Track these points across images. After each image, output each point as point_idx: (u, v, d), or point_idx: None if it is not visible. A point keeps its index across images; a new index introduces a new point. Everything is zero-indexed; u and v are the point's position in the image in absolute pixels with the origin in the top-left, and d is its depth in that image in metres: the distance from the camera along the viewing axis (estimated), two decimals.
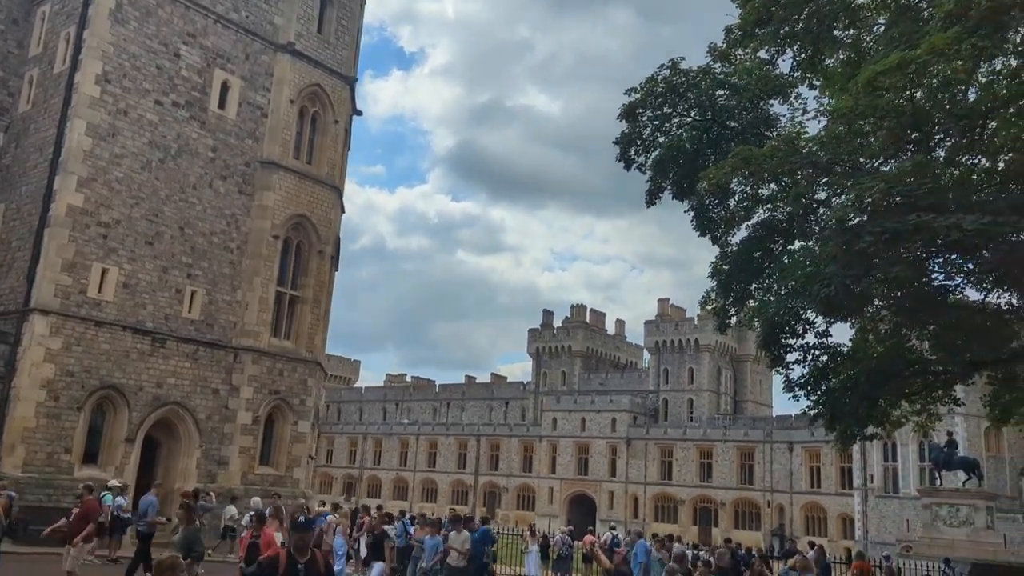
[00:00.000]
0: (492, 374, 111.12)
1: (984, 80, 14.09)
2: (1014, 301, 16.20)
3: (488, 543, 19.72)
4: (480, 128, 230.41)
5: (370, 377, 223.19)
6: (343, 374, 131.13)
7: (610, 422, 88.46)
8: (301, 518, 9.16)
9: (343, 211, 32.97)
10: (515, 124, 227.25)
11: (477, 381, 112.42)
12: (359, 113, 33.35)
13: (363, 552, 19.65)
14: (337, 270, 33.05)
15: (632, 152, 16.42)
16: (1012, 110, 15.98)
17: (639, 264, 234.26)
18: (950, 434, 41.27)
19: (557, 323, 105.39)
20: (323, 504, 28.21)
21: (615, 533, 29.09)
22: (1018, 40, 14.93)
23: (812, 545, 26.44)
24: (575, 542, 26.61)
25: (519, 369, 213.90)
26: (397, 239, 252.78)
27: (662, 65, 15.45)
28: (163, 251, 26.20)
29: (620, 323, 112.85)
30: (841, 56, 16.18)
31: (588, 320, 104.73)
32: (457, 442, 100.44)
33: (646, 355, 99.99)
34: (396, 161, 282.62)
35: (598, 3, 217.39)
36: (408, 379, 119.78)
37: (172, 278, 26.38)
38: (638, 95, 15.70)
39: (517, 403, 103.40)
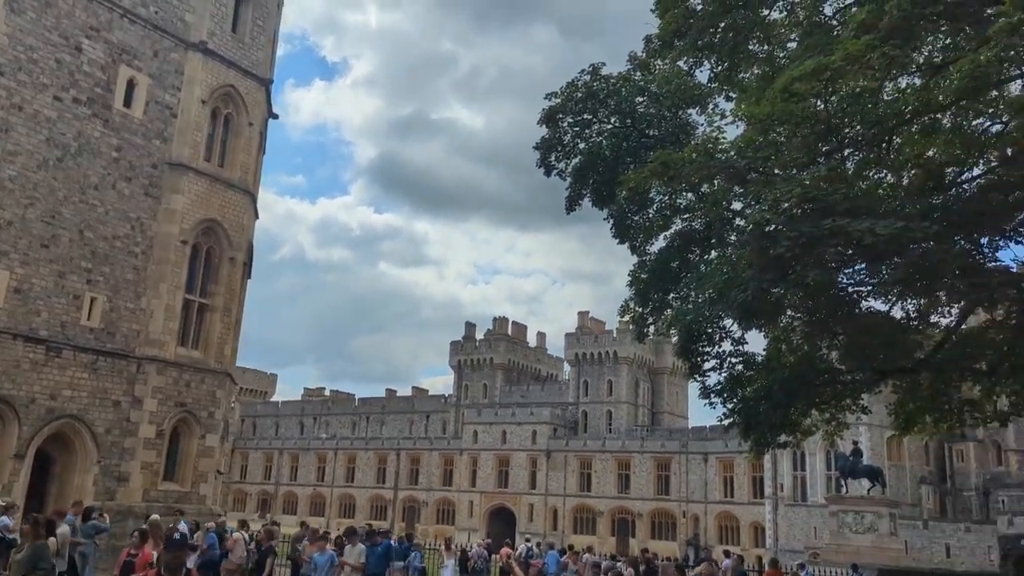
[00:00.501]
0: (413, 387, 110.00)
1: (889, 98, 14.51)
2: (918, 310, 16.73)
3: (395, 558, 19.14)
4: (403, 140, 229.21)
5: (288, 391, 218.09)
6: (259, 388, 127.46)
7: (531, 434, 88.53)
8: (176, 536, 8.49)
9: (257, 216, 31.88)
10: (438, 137, 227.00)
11: (398, 395, 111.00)
12: (275, 116, 32.37)
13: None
14: (250, 277, 31.92)
15: (552, 158, 16.31)
16: (916, 127, 16.57)
17: (561, 278, 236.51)
18: (856, 443, 42.72)
19: (479, 336, 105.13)
20: (222, 517, 26.87)
21: (530, 545, 28.82)
22: (921, 60, 15.49)
23: (728, 554, 26.74)
24: (492, 555, 26.23)
25: (441, 382, 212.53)
26: (318, 250, 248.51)
27: (583, 70, 15.43)
28: (60, 255, 24.71)
29: (541, 336, 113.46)
30: (756, 71, 16.45)
31: (510, 333, 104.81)
32: (376, 456, 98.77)
33: (567, 367, 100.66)
34: (318, 171, 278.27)
35: (520, 20, 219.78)
36: (327, 393, 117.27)
37: (70, 283, 24.89)
38: (558, 100, 15.61)
39: (438, 416, 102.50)
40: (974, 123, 17.07)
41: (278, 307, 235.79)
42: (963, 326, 19.15)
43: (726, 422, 17.91)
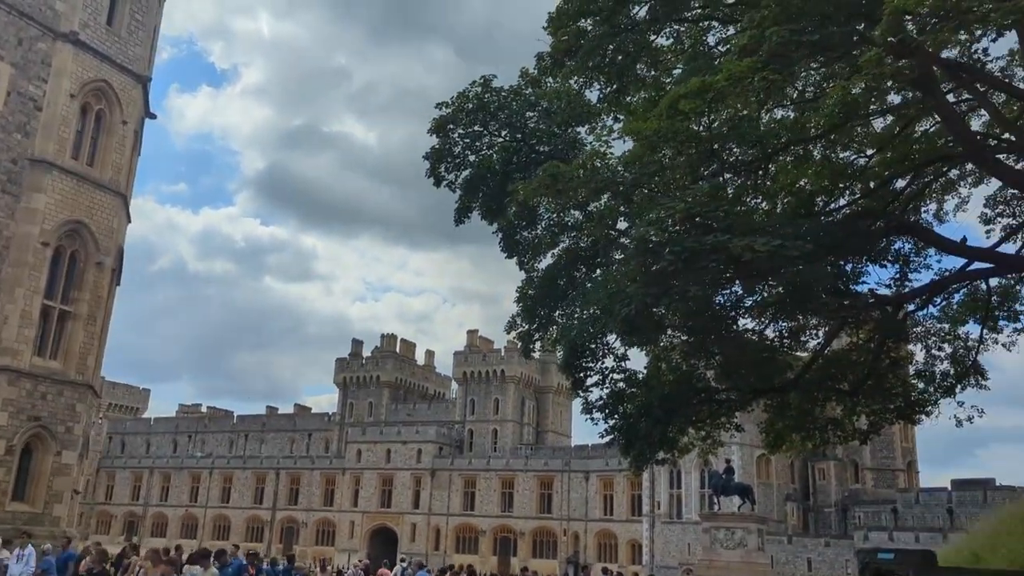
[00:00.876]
0: (296, 405, 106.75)
1: (765, 129, 15.20)
2: (790, 332, 17.51)
3: None
4: (293, 153, 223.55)
5: (162, 408, 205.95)
6: (130, 403, 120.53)
7: (415, 453, 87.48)
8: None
9: (129, 220, 30.17)
10: (330, 151, 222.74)
11: (279, 412, 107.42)
12: (153, 116, 30.80)
13: None
14: (119, 284, 30.11)
15: (442, 168, 16.18)
16: (790, 157, 17.44)
17: (451, 298, 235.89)
18: (728, 461, 44.27)
19: (367, 353, 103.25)
20: (72, 540, 24.97)
21: (404, 566, 28.26)
22: (795, 94, 16.33)
23: (606, 572, 27.05)
24: None
25: (326, 401, 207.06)
26: (199, 262, 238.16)
27: (474, 82, 15.39)
28: None
29: (430, 354, 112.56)
30: (643, 95, 16.89)
31: (398, 351, 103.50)
32: (255, 476, 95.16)
33: (454, 386, 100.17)
34: (202, 181, 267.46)
35: (416, 37, 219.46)
36: (204, 409, 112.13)
37: None
38: (449, 110, 15.51)
39: (321, 435, 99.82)
40: (842, 155, 18.17)
41: (154, 320, 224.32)
42: (828, 348, 20.20)
43: (607, 438, 18.13)
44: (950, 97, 15.49)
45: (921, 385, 19.77)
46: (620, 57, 15.15)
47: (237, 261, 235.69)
